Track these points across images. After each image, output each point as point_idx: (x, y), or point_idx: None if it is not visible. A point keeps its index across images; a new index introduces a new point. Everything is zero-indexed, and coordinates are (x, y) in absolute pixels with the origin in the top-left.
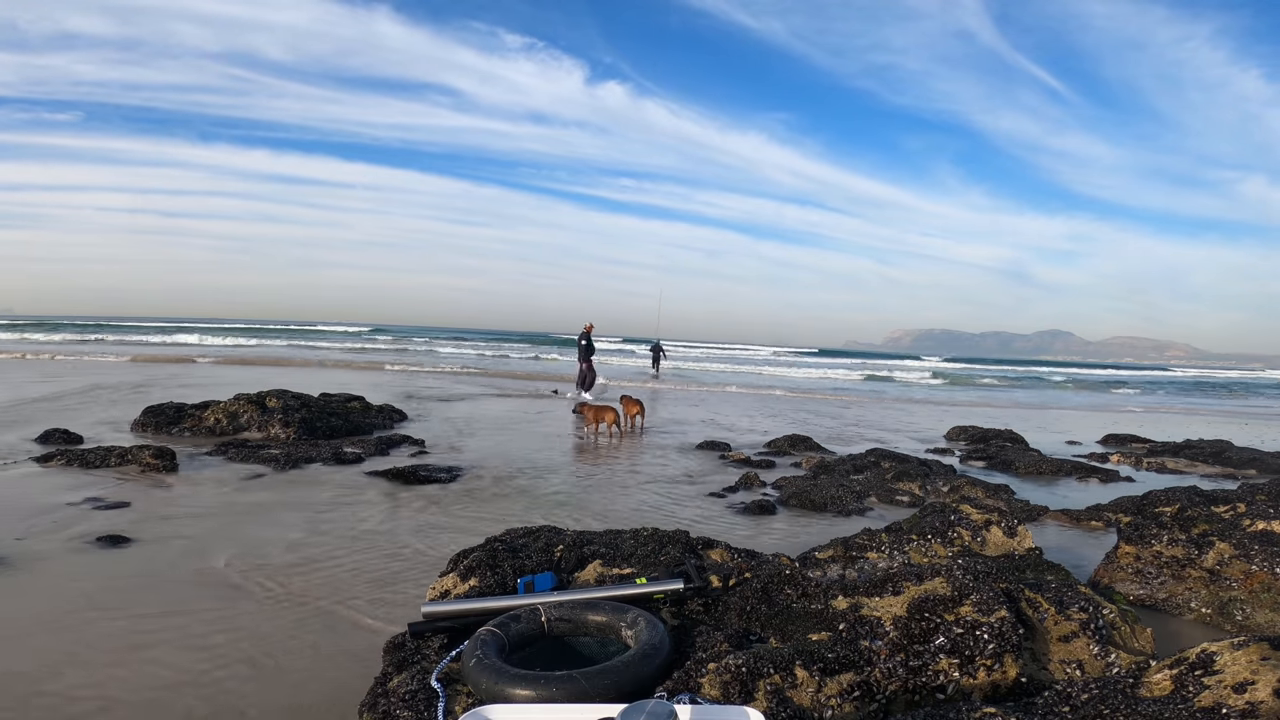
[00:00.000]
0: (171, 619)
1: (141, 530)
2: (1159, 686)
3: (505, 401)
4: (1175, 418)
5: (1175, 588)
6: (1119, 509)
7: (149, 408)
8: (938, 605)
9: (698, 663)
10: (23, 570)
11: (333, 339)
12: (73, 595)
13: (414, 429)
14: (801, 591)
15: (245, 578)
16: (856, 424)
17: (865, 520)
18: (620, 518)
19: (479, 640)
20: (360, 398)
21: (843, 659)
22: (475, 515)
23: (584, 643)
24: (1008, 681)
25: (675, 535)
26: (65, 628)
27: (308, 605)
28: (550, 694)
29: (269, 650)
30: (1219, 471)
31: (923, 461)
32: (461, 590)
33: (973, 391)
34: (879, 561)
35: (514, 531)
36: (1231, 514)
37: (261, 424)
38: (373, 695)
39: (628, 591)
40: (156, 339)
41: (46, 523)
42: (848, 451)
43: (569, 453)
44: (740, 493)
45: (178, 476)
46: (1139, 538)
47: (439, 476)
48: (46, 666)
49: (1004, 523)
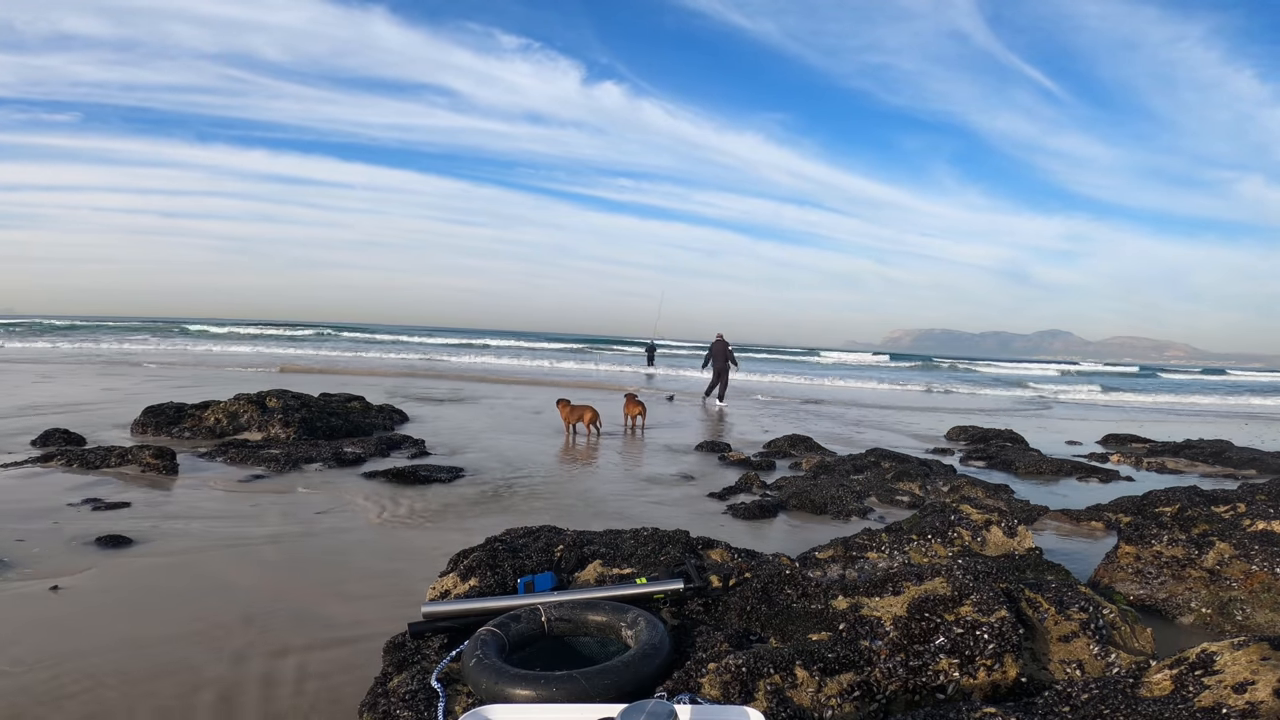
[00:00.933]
0: (171, 619)
1: (142, 531)
2: (1159, 686)
3: (506, 402)
4: (1175, 418)
5: (1175, 588)
6: (1119, 509)
7: (149, 408)
8: (938, 605)
9: (698, 663)
10: (23, 571)
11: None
12: (73, 596)
13: (414, 429)
14: (801, 591)
15: (245, 578)
16: (857, 424)
17: (865, 520)
18: (620, 518)
19: (479, 640)
20: (360, 398)
21: (843, 659)
22: (475, 515)
23: (584, 643)
24: (1008, 681)
25: (675, 535)
26: (65, 629)
27: (307, 605)
28: (550, 694)
29: (269, 650)
30: (1219, 471)
31: (923, 461)
32: (461, 590)
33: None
34: (879, 561)
35: (514, 531)
36: (1231, 514)
37: (262, 424)
38: (373, 695)
39: (628, 591)
40: (200, 347)
41: (47, 523)
42: (848, 452)
43: (569, 453)
44: (740, 493)
45: (178, 477)
46: (1139, 538)
47: (439, 477)
48: (46, 668)
49: (1004, 523)
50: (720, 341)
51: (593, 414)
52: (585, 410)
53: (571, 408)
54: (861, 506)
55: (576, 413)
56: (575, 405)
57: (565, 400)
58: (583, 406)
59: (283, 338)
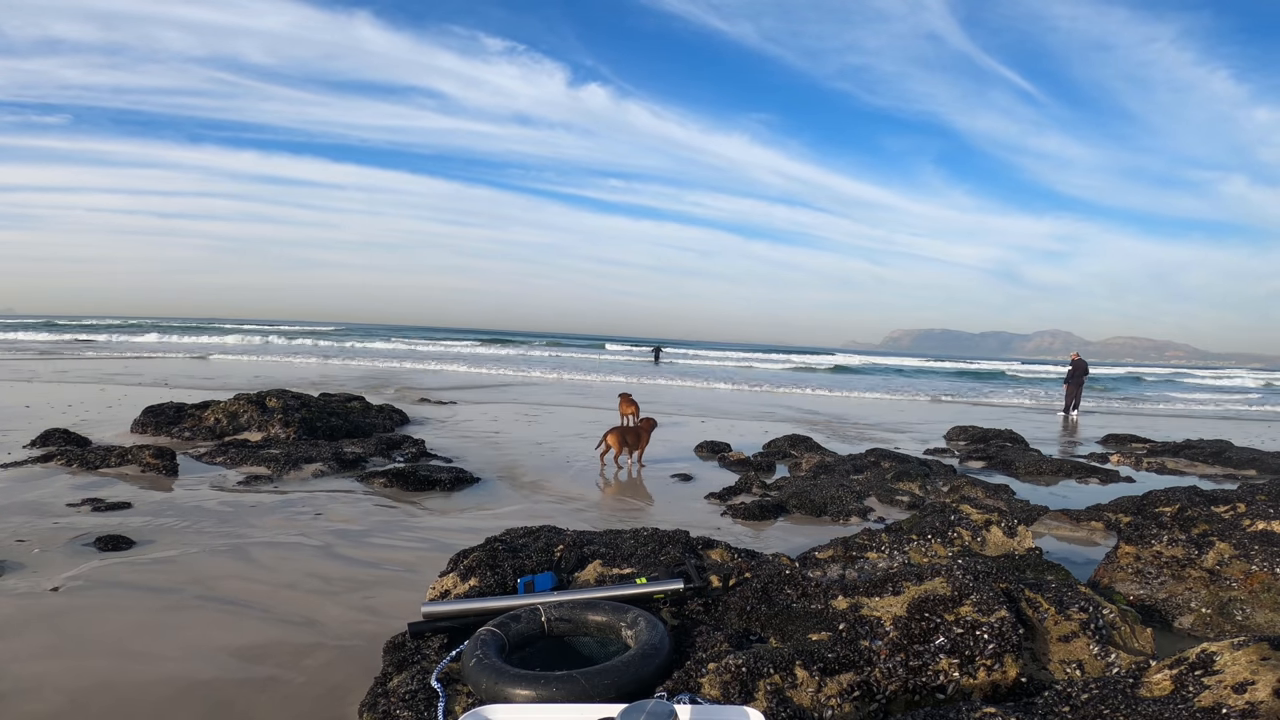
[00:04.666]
0: (172, 620)
1: (142, 531)
2: (1159, 686)
3: (505, 402)
4: (1175, 418)
5: (1175, 588)
6: (1119, 509)
7: (149, 408)
8: (938, 605)
9: (698, 663)
10: (23, 572)
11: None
12: (73, 597)
13: (415, 430)
14: (801, 591)
15: (244, 578)
16: (856, 424)
17: (865, 521)
18: (620, 518)
19: (479, 640)
20: (360, 398)
21: (843, 659)
22: (475, 515)
23: (584, 643)
24: (1008, 681)
25: (675, 535)
26: (65, 630)
27: (307, 605)
28: (550, 694)
29: (268, 650)
30: (1219, 471)
31: (923, 461)
32: (461, 590)
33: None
34: (879, 561)
35: (514, 531)
36: (1231, 514)
37: (262, 424)
38: (373, 695)
39: (628, 591)
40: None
41: (47, 524)
42: (848, 452)
43: (568, 454)
44: (740, 493)
45: (178, 477)
46: (1139, 538)
47: (439, 477)
48: (46, 668)
49: (1004, 523)
50: (1079, 361)
51: (649, 423)
52: (645, 420)
53: (631, 408)
54: (861, 507)
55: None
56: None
57: (629, 395)
58: (644, 418)
59: (280, 335)
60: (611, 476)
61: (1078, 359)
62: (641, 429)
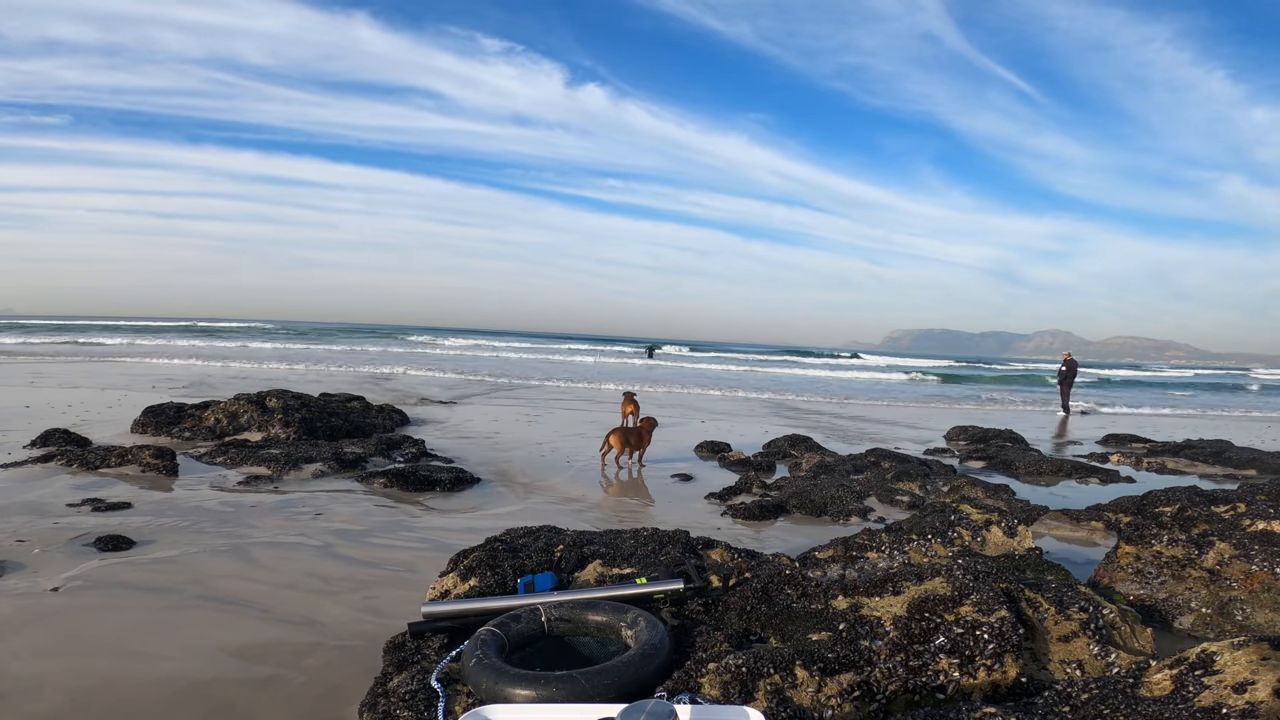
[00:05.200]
0: (172, 620)
1: (142, 531)
2: (1159, 686)
3: (505, 403)
4: (1175, 418)
5: (1175, 588)
6: (1119, 509)
7: (149, 408)
8: (938, 605)
9: (698, 663)
10: (23, 572)
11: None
12: (73, 597)
13: (415, 430)
14: (801, 591)
15: (244, 578)
16: (856, 424)
17: (865, 521)
18: (620, 518)
19: (479, 640)
20: (360, 398)
21: (843, 659)
22: (475, 515)
23: (584, 643)
24: (1008, 681)
25: (675, 535)
26: (65, 630)
27: (307, 605)
28: (550, 694)
29: (269, 650)
30: (1219, 471)
31: (923, 461)
32: (462, 590)
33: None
34: (879, 561)
35: (514, 531)
36: (1231, 514)
37: (262, 424)
38: (373, 695)
39: (628, 591)
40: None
41: (47, 524)
42: (848, 452)
43: (568, 454)
44: (740, 493)
45: (178, 477)
46: (1139, 538)
47: (439, 478)
48: (46, 668)
49: (1004, 523)
50: (1071, 361)
51: (649, 422)
52: (646, 420)
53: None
54: (861, 507)
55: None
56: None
57: (631, 394)
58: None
59: (280, 334)
60: (612, 476)
61: (1070, 359)
62: (643, 429)
